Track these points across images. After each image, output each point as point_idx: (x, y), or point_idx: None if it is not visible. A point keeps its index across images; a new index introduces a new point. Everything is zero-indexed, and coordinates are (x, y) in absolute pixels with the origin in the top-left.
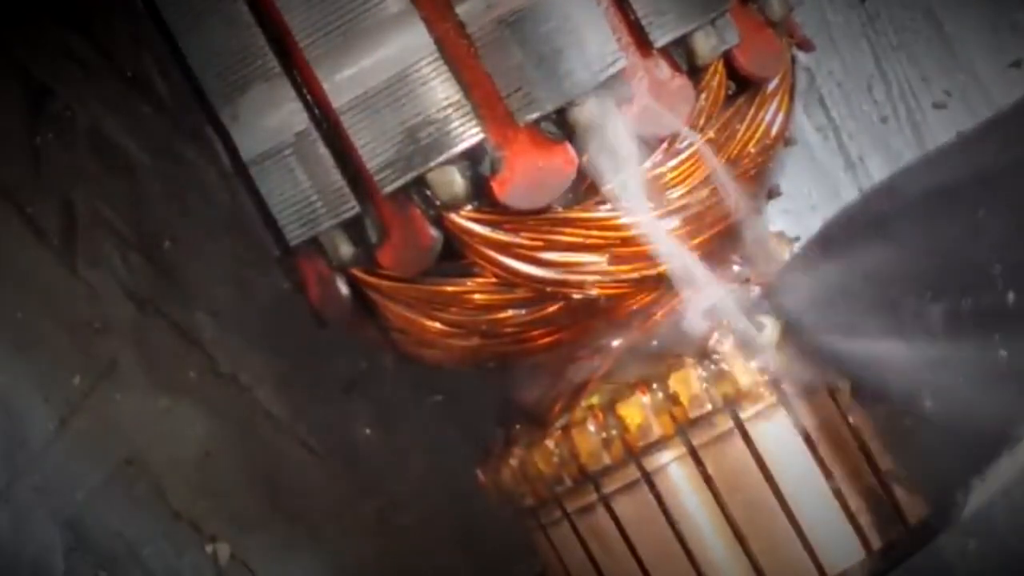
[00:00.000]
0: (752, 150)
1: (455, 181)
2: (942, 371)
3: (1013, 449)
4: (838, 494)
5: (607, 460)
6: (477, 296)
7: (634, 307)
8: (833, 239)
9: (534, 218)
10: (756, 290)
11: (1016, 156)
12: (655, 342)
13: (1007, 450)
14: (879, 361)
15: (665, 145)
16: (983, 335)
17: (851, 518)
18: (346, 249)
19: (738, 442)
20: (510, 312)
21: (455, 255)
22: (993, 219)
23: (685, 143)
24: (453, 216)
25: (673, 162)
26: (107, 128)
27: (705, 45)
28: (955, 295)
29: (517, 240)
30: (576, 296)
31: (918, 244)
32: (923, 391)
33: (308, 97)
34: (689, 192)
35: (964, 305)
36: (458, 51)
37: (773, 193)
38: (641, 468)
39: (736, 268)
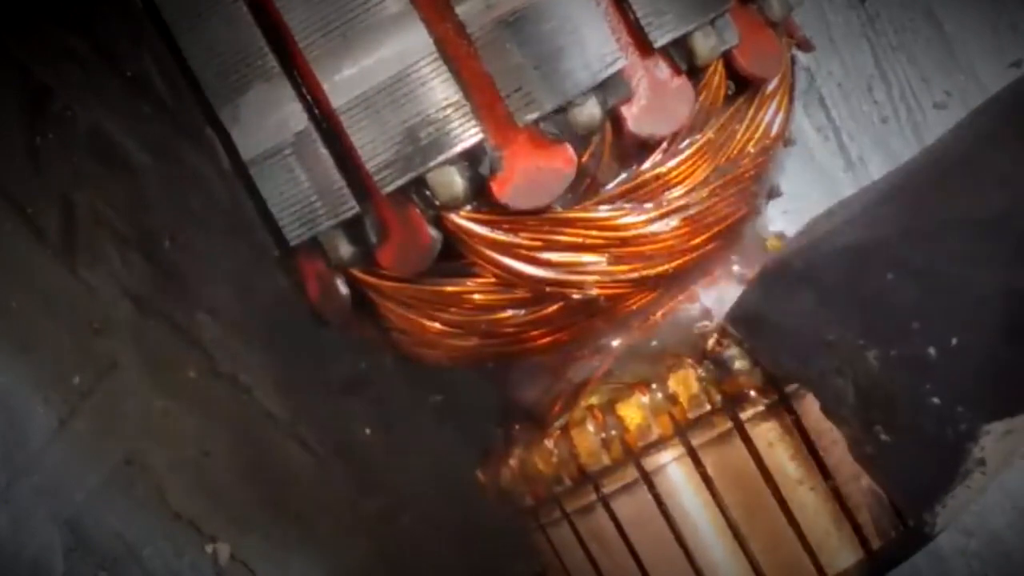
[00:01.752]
0: (752, 150)
1: (455, 181)
2: (887, 410)
3: (969, 471)
4: (837, 494)
5: (606, 460)
6: (477, 296)
7: (633, 307)
8: (773, 279)
9: (534, 218)
10: None
11: (921, 227)
12: (654, 342)
13: (965, 471)
14: (830, 394)
15: (665, 145)
16: (915, 382)
17: (850, 518)
18: (346, 249)
19: (737, 442)
20: (509, 312)
21: (455, 255)
22: (902, 282)
23: (685, 143)
24: (453, 216)
25: (673, 162)
26: (107, 128)
27: (705, 45)
28: (883, 345)
29: (517, 240)
30: (575, 296)
31: (844, 294)
32: (875, 425)
33: (308, 97)
34: (689, 192)
35: (892, 354)
36: (458, 51)
37: (773, 193)
38: (640, 468)
39: (736, 268)
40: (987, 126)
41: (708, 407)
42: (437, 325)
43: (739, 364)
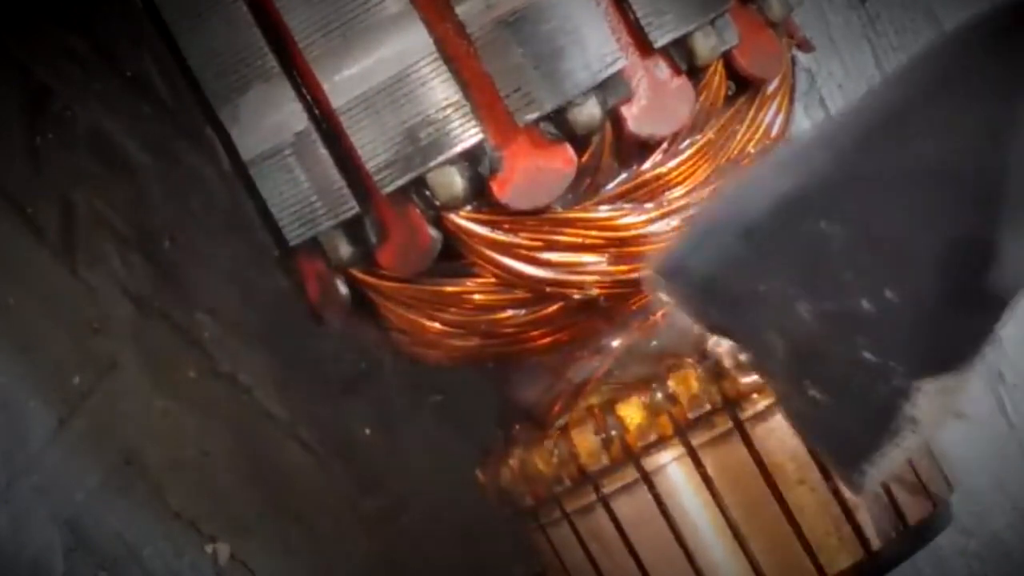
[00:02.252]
0: (752, 151)
1: (454, 181)
2: (818, 365)
3: (901, 429)
4: (837, 494)
5: (606, 460)
6: (476, 296)
7: (634, 307)
8: (703, 228)
9: (534, 218)
10: None
11: (855, 173)
12: (654, 342)
13: (897, 428)
14: (761, 349)
15: (665, 145)
16: (847, 337)
17: (850, 518)
18: (346, 249)
19: (737, 442)
20: (509, 312)
21: (454, 255)
22: (835, 231)
23: (685, 143)
24: (452, 216)
25: (673, 162)
26: (107, 128)
27: (705, 45)
28: (815, 297)
29: (517, 240)
30: (576, 296)
31: (775, 245)
32: (805, 380)
33: (308, 97)
34: (689, 192)
35: (824, 307)
36: (457, 51)
37: None
38: (640, 468)
39: None
40: (927, 75)
41: (708, 407)
42: (437, 325)
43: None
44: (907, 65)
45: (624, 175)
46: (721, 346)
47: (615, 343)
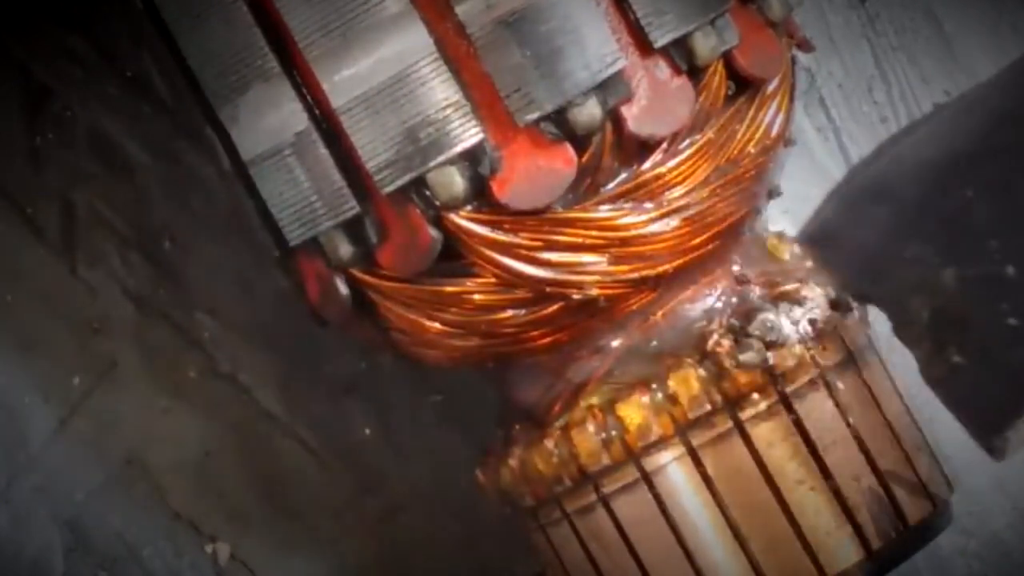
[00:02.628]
0: (752, 150)
1: (455, 181)
2: (961, 330)
3: None
4: (837, 494)
5: (606, 460)
6: (477, 296)
7: (633, 307)
8: (849, 195)
9: (534, 218)
10: (756, 290)
11: (1000, 142)
12: (654, 342)
13: None
14: (903, 314)
15: (665, 145)
16: (991, 302)
17: (850, 518)
18: (346, 249)
19: (737, 442)
20: (509, 312)
21: (455, 255)
22: (981, 199)
23: (685, 143)
24: (452, 216)
25: (673, 162)
26: (107, 128)
27: (705, 45)
28: (961, 263)
29: (517, 240)
30: (576, 296)
31: (923, 210)
32: (948, 346)
33: (308, 97)
34: (689, 192)
35: (969, 272)
36: (458, 51)
37: (773, 193)
38: (640, 468)
39: (736, 268)
40: None
41: (708, 407)
42: (437, 325)
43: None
44: None
45: (624, 175)
46: (721, 346)
47: (615, 343)
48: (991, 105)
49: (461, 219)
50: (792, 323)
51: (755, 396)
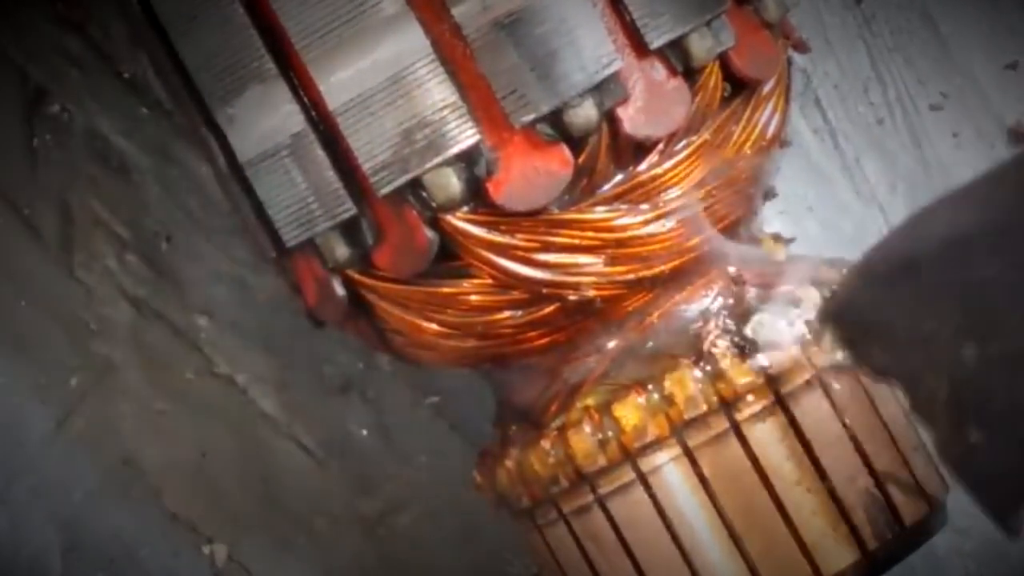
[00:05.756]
0: (748, 152)
1: (451, 183)
2: (980, 409)
3: None
4: (833, 494)
5: (603, 461)
6: (473, 297)
7: (630, 308)
8: (868, 272)
9: (530, 220)
10: (752, 291)
11: (1020, 213)
12: (651, 343)
13: None
14: (923, 391)
15: (661, 146)
16: (1012, 379)
17: (846, 519)
18: (342, 250)
19: (733, 443)
20: (506, 313)
21: (451, 256)
22: (1006, 273)
23: (681, 144)
24: (449, 217)
25: (669, 163)
26: (104, 130)
27: (701, 47)
28: (981, 340)
29: (513, 242)
30: (572, 297)
31: (945, 286)
32: (967, 424)
33: (304, 99)
34: (685, 193)
35: (991, 349)
36: (454, 53)
37: (769, 195)
38: (637, 469)
39: (732, 269)
40: None
41: (704, 408)
42: (434, 326)
43: (735, 364)
44: None
45: (620, 176)
46: (717, 347)
47: (611, 344)
48: (1013, 178)
49: (457, 220)
50: (788, 324)
51: (751, 397)
